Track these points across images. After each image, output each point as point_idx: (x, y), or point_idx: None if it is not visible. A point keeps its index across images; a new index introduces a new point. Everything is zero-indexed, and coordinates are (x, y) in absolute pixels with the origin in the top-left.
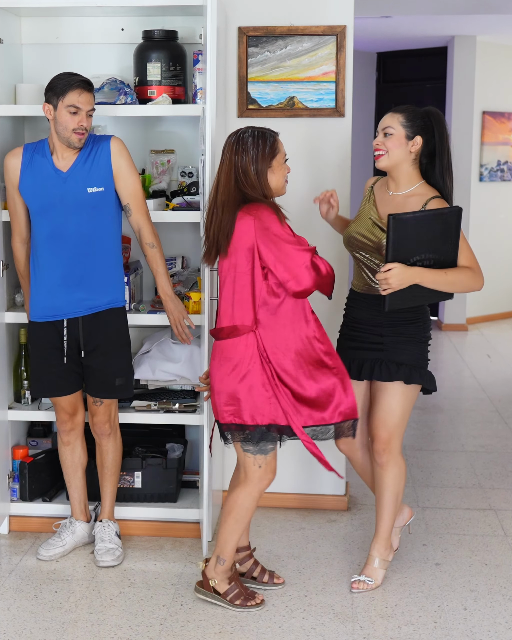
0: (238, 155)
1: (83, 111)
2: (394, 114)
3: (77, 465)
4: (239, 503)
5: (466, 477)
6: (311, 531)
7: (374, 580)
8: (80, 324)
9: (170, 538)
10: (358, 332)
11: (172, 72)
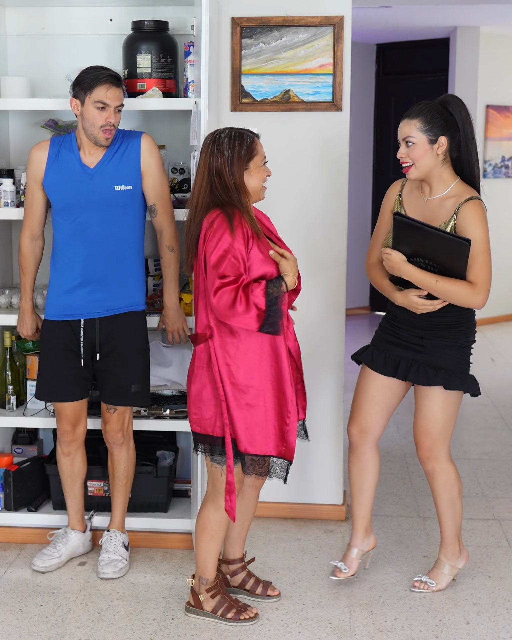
0: (213, 157)
1: (111, 107)
2: (410, 121)
3: (76, 476)
4: (210, 519)
5: (469, 485)
6: (308, 542)
7: (437, 584)
8: (97, 325)
9: (161, 549)
10: (398, 329)
11: (163, 65)
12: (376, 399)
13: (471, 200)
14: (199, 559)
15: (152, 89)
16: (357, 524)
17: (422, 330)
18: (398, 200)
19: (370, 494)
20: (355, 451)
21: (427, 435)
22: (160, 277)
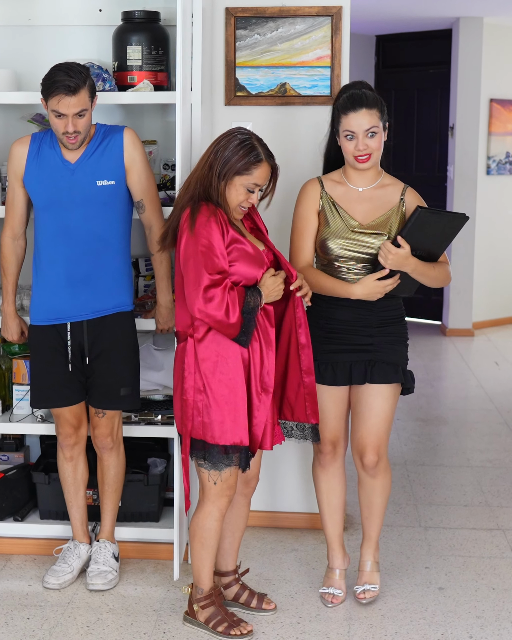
0: (218, 147)
1: (67, 116)
2: (370, 110)
3: (80, 483)
4: (200, 526)
5: (472, 494)
6: (305, 553)
7: (377, 585)
8: (85, 328)
9: (152, 560)
10: (342, 333)
11: (154, 57)
12: (337, 412)
13: (409, 187)
14: (193, 566)
15: (143, 82)
16: (334, 544)
17: (373, 328)
18: (325, 196)
19: (343, 511)
20: (328, 468)
21: (376, 434)
22: (151, 277)
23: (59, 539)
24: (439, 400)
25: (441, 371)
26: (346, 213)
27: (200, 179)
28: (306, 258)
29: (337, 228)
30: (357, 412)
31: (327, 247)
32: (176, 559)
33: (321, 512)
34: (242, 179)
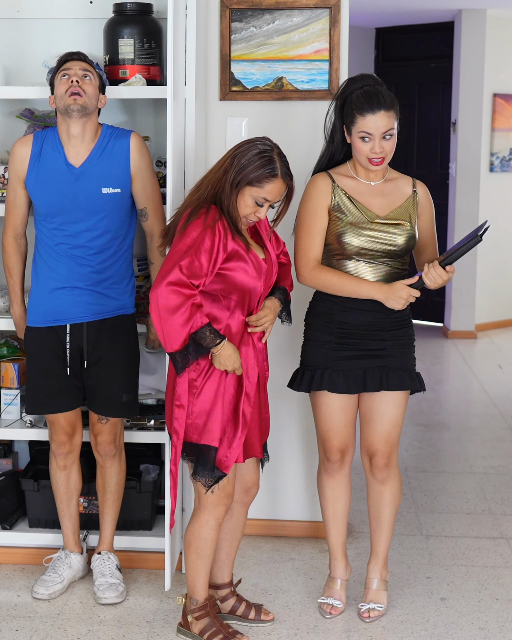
0: (236, 152)
1: (72, 71)
2: (388, 112)
3: (73, 492)
4: (196, 535)
5: (475, 501)
6: (302, 562)
7: (383, 604)
8: (84, 330)
9: (145, 570)
10: (355, 339)
11: (147, 50)
12: (347, 421)
13: (417, 180)
14: (187, 577)
15: (135, 76)
16: (337, 553)
17: (386, 331)
18: (339, 190)
19: (346, 520)
20: (335, 477)
21: (387, 441)
22: (144, 277)
23: (48, 548)
24: (441, 405)
25: (442, 375)
26: (362, 205)
27: (213, 181)
28: (315, 257)
29: (356, 220)
30: (368, 419)
31: (345, 241)
32: (168, 569)
33: (324, 520)
34: (253, 191)
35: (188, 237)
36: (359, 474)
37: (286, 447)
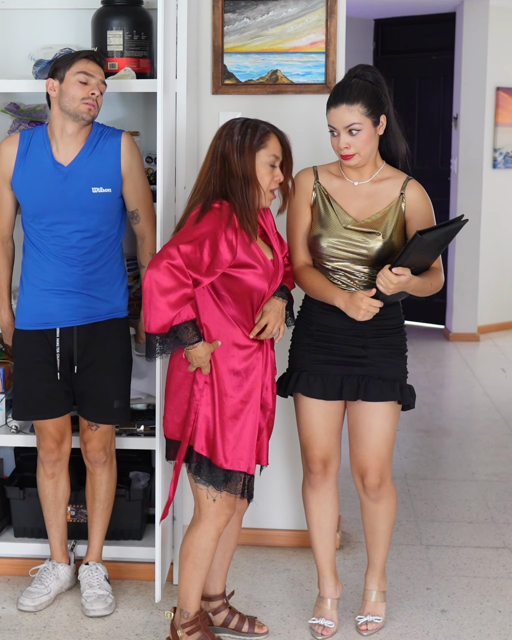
0: (221, 140)
1: (94, 80)
2: (351, 106)
3: (61, 501)
4: (194, 545)
5: (477, 510)
6: (298, 573)
7: (381, 617)
8: (75, 334)
9: (134, 581)
10: (333, 343)
11: (136, 42)
12: (328, 428)
13: (411, 180)
14: (180, 588)
15: (125, 69)
16: (326, 571)
17: (367, 338)
18: (319, 189)
19: (334, 535)
20: (319, 489)
21: (378, 458)
22: (133, 278)
23: (35, 558)
24: (442, 410)
25: (443, 378)
26: (340, 208)
27: (213, 176)
28: (302, 257)
29: (330, 224)
30: (355, 432)
31: (317, 246)
32: (158, 580)
33: (311, 537)
34: (262, 155)
35: (198, 229)
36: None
37: (281, 453)
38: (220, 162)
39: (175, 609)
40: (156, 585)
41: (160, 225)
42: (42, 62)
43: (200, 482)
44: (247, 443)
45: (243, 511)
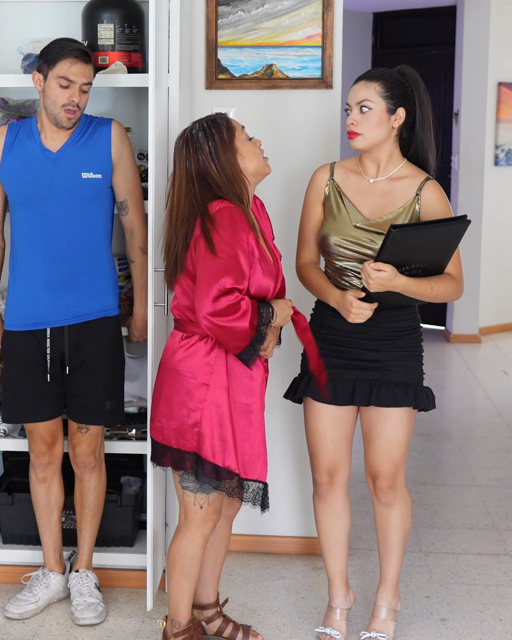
0: (190, 159)
1: (76, 85)
2: (369, 83)
3: (54, 507)
4: (181, 553)
5: (478, 516)
6: (293, 580)
7: (387, 635)
8: (66, 334)
9: (126, 589)
10: (344, 346)
11: (128, 36)
12: (335, 435)
13: (430, 180)
14: (170, 598)
15: (116, 63)
16: (336, 580)
17: (377, 341)
18: (332, 186)
19: (345, 545)
20: (325, 499)
21: (390, 461)
22: (124, 277)
23: (25, 565)
24: (442, 413)
25: (444, 381)
26: (352, 206)
27: (192, 199)
28: (309, 255)
29: (340, 222)
30: (368, 437)
31: (326, 245)
32: (150, 587)
33: (321, 546)
34: (238, 137)
35: (218, 245)
36: (354, 486)
37: (277, 457)
38: (198, 182)
39: (168, 617)
40: (148, 593)
41: (152, 223)
42: (31, 56)
43: (189, 488)
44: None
45: (233, 516)
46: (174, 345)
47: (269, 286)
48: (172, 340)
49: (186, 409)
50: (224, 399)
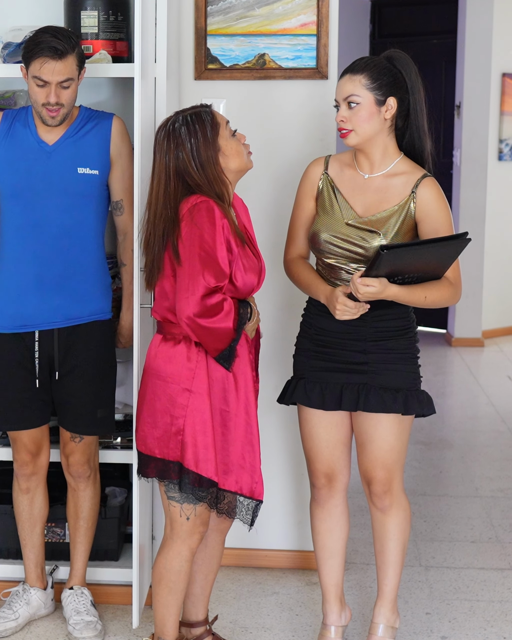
0: (170, 154)
1: (50, 84)
2: (354, 76)
3: (37, 519)
4: (167, 567)
5: (481, 528)
6: (287, 596)
7: None
8: (55, 338)
9: (111, 605)
10: (332, 348)
11: (113, 23)
12: (330, 440)
13: (427, 177)
14: (156, 615)
15: (100, 52)
16: (331, 595)
17: (367, 342)
18: (326, 180)
19: (342, 557)
20: (323, 506)
21: (383, 467)
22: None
23: (4, 580)
24: (444, 421)
25: (445, 387)
26: (345, 201)
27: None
28: (298, 250)
29: (332, 218)
30: (358, 442)
31: (316, 242)
32: (135, 604)
33: (316, 557)
34: (222, 134)
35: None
36: (351, 497)
37: (270, 467)
38: (175, 179)
39: (154, 635)
40: (133, 610)
41: (138, 218)
42: (11, 45)
43: (175, 499)
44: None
45: (226, 530)
46: (154, 349)
47: (253, 283)
48: (153, 344)
49: (169, 416)
50: (206, 406)
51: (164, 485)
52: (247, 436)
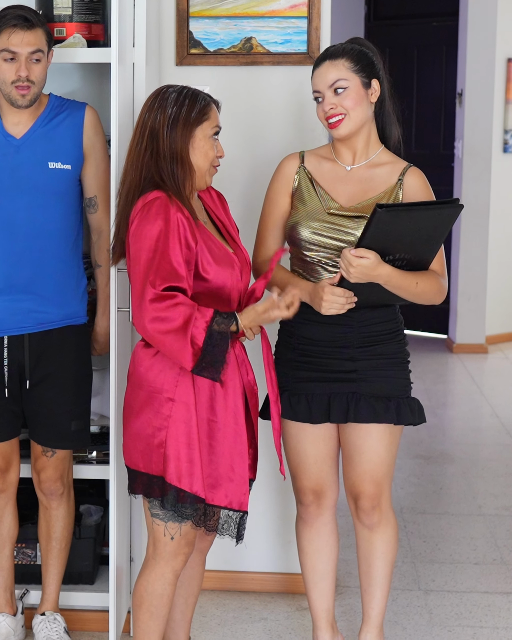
0: (152, 113)
1: (21, 56)
2: (335, 61)
3: (5, 540)
4: (149, 591)
5: (485, 549)
6: (276, 623)
7: None
8: (26, 344)
9: (86, 632)
10: (317, 357)
11: (87, 5)
12: (319, 456)
13: (413, 167)
14: None
15: (74, 35)
16: (322, 622)
17: (354, 348)
18: (303, 173)
19: (332, 579)
20: (312, 524)
21: (372, 481)
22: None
23: None
24: (445, 433)
25: (446, 396)
26: (325, 193)
27: (145, 162)
28: (268, 252)
29: (312, 210)
30: (346, 454)
31: (296, 234)
32: (112, 631)
33: (304, 580)
34: (204, 127)
35: (144, 243)
36: (342, 517)
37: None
38: (147, 140)
39: None
40: (110, 637)
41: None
42: None
43: (158, 516)
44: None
45: (206, 550)
46: (136, 356)
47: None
48: (135, 351)
49: (151, 427)
50: (191, 416)
51: (148, 502)
52: (237, 447)
